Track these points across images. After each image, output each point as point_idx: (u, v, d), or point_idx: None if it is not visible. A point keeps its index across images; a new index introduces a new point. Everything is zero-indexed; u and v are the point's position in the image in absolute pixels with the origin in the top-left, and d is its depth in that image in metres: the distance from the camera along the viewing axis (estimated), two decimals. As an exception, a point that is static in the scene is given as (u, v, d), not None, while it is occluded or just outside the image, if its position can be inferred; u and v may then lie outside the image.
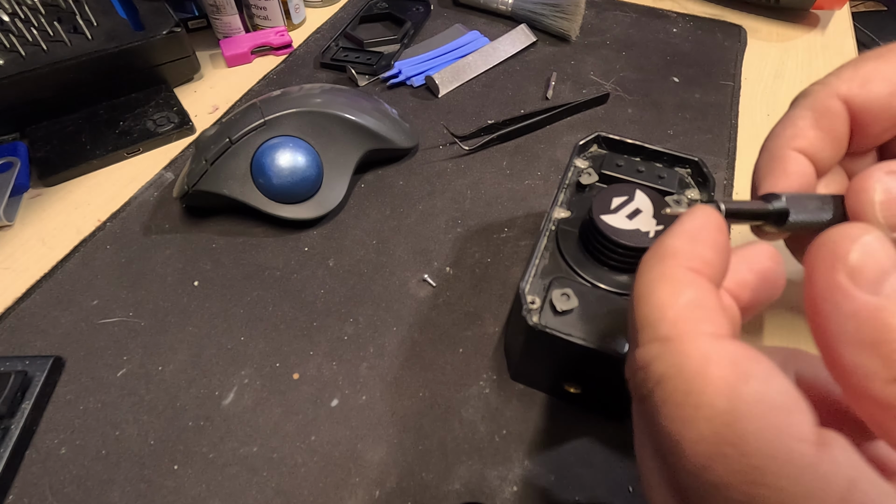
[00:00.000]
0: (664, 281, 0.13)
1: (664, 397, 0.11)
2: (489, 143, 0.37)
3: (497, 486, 0.22)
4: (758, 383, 0.11)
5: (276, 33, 0.46)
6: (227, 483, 0.22)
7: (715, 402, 0.11)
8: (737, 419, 0.10)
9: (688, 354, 0.11)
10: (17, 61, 0.36)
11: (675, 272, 0.13)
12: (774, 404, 0.10)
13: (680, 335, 0.12)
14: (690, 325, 0.12)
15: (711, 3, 0.52)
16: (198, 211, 0.33)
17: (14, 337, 0.27)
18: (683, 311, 0.12)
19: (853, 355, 0.11)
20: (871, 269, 0.11)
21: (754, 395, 0.10)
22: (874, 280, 0.11)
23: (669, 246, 0.13)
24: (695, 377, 0.11)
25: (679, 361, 0.11)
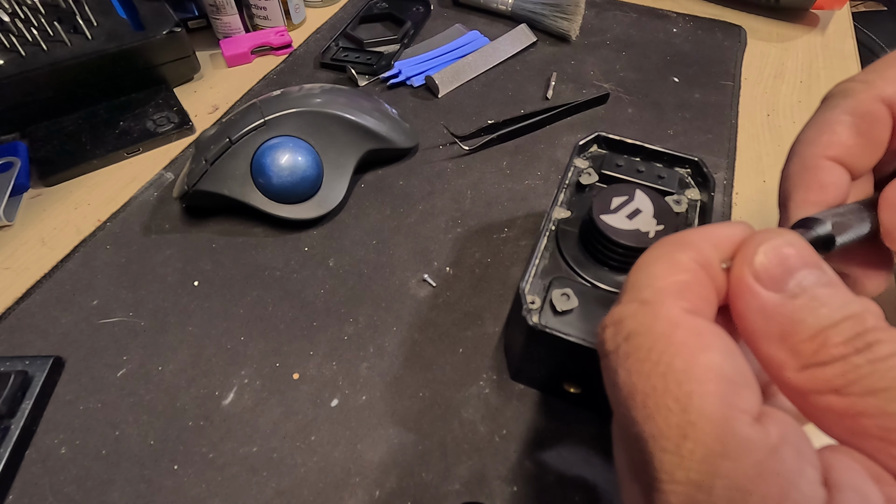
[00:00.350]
0: (666, 260, 0.13)
1: (628, 351, 0.12)
2: (489, 143, 0.37)
3: (497, 486, 0.22)
4: (715, 354, 0.11)
5: (276, 33, 0.46)
6: (227, 483, 0.22)
7: (672, 361, 0.11)
8: (688, 379, 0.11)
9: (659, 317, 0.12)
10: (17, 61, 0.36)
11: (681, 258, 0.13)
12: (725, 375, 0.11)
13: (658, 301, 0.12)
14: (671, 297, 0.12)
15: (711, 3, 0.52)
16: (198, 211, 0.33)
17: (14, 337, 0.27)
18: (670, 286, 0.13)
19: (766, 348, 0.12)
20: (774, 269, 0.12)
21: (709, 363, 0.11)
22: (778, 279, 0.12)
23: (689, 238, 0.14)
24: (660, 337, 0.12)
25: (650, 322, 0.12)
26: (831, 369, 0.11)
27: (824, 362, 0.11)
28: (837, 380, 0.11)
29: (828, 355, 0.11)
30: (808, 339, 0.12)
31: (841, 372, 0.11)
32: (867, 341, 0.11)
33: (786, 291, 0.12)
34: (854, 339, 0.11)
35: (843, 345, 0.11)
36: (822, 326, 0.11)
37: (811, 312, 0.12)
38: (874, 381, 0.11)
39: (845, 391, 0.11)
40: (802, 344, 0.12)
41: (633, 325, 0.12)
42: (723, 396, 0.11)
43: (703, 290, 0.13)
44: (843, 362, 0.11)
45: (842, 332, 0.11)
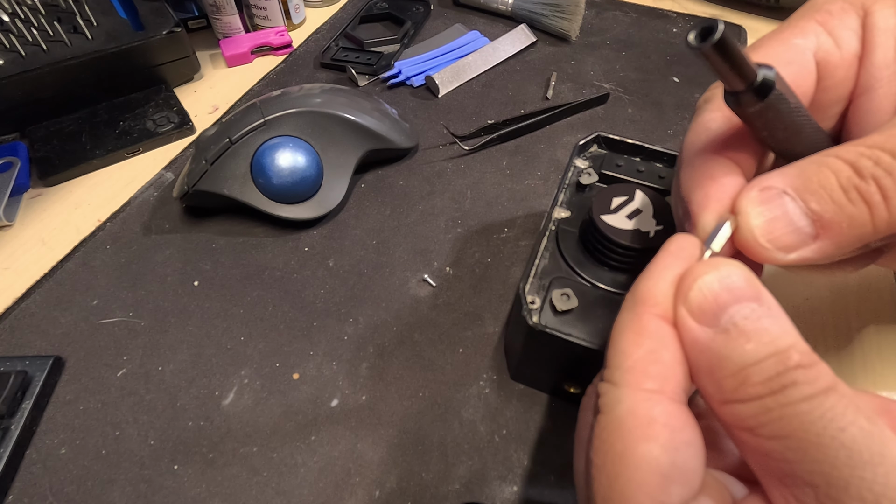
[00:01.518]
0: (631, 329, 0.14)
1: (597, 426, 0.13)
2: (489, 143, 0.37)
3: (497, 486, 0.22)
4: (654, 446, 0.12)
5: (276, 33, 0.46)
6: (227, 483, 0.22)
7: (615, 444, 0.12)
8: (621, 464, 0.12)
9: (620, 402, 0.13)
10: (17, 61, 0.36)
11: (641, 320, 0.13)
12: (657, 468, 0.12)
13: (626, 384, 0.13)
14: (636, 379, 0.13)
15: (711, 3, 0.52)
16: (198, 211, 0.33)
17: (14, 337, 0.27)
18: (636, 364, 0.13)
19: (699, 380, 0.13)
20: (707, 305, 0.13)
21: (645, 454, 0.12)
22: (710, 315, 0.13)
23: (642, 291, 0.14)
24: (613, 420, 0.13)
25: (612, 405, 0.13)
26: (746, 408, 0.12)
27: (741, 400, 0.12)
28: (750, 420, 0.12)
29: (745, 394, 0.12)
30: (729, 375, 0.12)
31: (754, 413, 0.12)
32: (783, 383, 0.11)
33: (717, 327, 0.12)
34: (772, 380, 0.11)
35: (760, 384, 0.12)
36: (745, 364, 0.12)
37: (736, 349, 0.12)
38: (781, 426, 0.11)
39: (756, 432, 0.12)
40: (725, 380, 0.12)
41: (603, 404, 0.13)
42: (645, 486, 0.12)
43: (668, 353, 0.13)
44: (757, 403, 0.11)
45: (762, 371, 0.12)
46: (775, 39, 0.17)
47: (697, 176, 0.16)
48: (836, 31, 0.16)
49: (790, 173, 0.14)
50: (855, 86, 0.17)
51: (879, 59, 0.16)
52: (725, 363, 0.12)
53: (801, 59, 0.16)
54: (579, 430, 0.16)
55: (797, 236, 0.14)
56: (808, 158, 0.14)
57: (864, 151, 0.14)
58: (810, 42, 0.16)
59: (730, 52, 0.13)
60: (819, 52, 0.16)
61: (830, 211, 0.13)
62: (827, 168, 0.14)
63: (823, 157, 0.14)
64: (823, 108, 0.17)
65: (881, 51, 0.16)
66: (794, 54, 0.16)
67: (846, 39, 0.16)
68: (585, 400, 0.17)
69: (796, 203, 0.14)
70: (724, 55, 0.13)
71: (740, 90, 0.14)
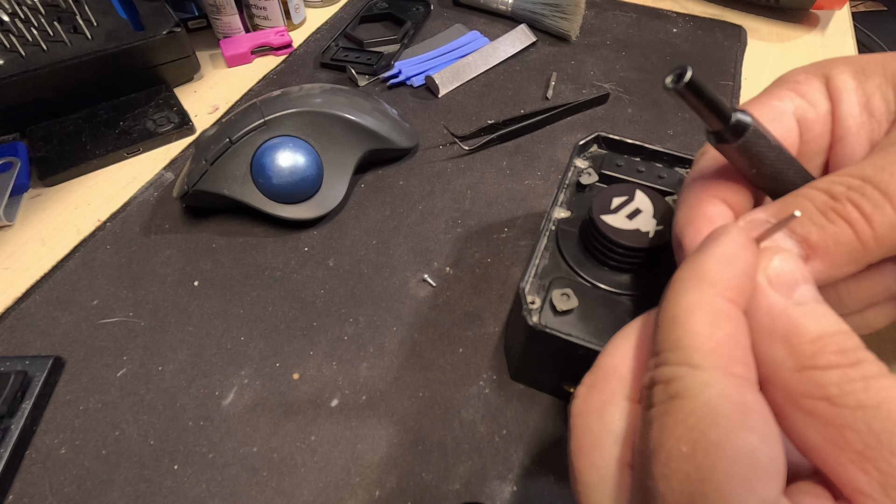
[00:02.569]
0: (703, 309, 0.13)
1: (668, 410, 0.12)
2: (489, 143, 0.37)
3: (497, 486, 0.22)
4: (754, 437, 0.11)
5: (276, 33, 0.46)
6: (227, 483, 0.22)
7: (709, 432, 0.11)
8: (717, 453, 0.11)
9: (709, 385, 0.12)
10: (17, 61, 0.36)
11: (715, 302, 0.13)
12: (757, 460, 0.11)
13: (712, 366, 0.12)
14: (723, 361, 0.12)
15: (711, 3, 0.52)
16: (198, 211, 0.33)
17: (14, 337, 0.27)
18: (719, 346, 0.13)
19: (768, 346, 0.13)
20: (784, 277, 0.13)
21: (746, 444, 0.11)
22: (787, 286, 0.13)
23: (708, 271, 0.14)
24: (704, 407, 0.12)
25: (698, 389, 0.12)
26: (828, 375, 0.12)
27: (822, 367, 0.12)
28: (832, 388, 0.12)
29: (826, 361, 0.12)
30: (808, 341, 0.12)
31: (836, 380, 0.12)
32: (858, 358, 0.12)
33: (792, 298, 0.13)
34: (847, 353, 0.12)
35: (837, 353, 0.12)
36: (823, 333, 0.12)
37: (814, 320, 0.12)
38: (866, 397, 0.11)
39: (837, 401, 0.11)
40: (803, 346, 0.12)
41: (680, 388, 0.12)
42: (746, 481, 0.11)
43: (745, 339, 0.13)
44: (839, 371, 0.12)
45: (838, 342, 0.12)
46: (755, 103, 0.19)
47: (690, 215, 0.17)
48: (808, 95, 0.18)
49: (772, 206, 0.16)
50: (831, 138, 0.19)
51: (845, 111, 0.18)
52: (803, 329, 0.12)
53: (782, 117, 0.18)
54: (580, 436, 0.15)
55: None
56: (789, 194, 0.16)
57: (835, 179, 0.15)
58: (788, 104, 0.18)
59: (702, 92, 0.14)
60: (797, 112, 0.18)
61: (813, 232, 0.15)
62: (803, 197, 0.15)
63: (800, 190, 0.16)
64: (808, 160, 0.19)
65: (846, 105, 0.18)
66: (776, 113, 0.18)
67: (817, 100, 0.18)
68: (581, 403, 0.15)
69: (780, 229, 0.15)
70: (697, 95, 0.14)
71: (719, 129, 0.15)
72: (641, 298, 0.22)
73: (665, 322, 0.14)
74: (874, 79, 0.18)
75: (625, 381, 0.15)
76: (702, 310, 0.13)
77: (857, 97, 0.18)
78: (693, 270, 0.14)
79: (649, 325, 0.15)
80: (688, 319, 0.13)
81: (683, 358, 0.13)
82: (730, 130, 0.15)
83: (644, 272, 0.22)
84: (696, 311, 0.13)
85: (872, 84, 0.18)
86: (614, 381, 0.15)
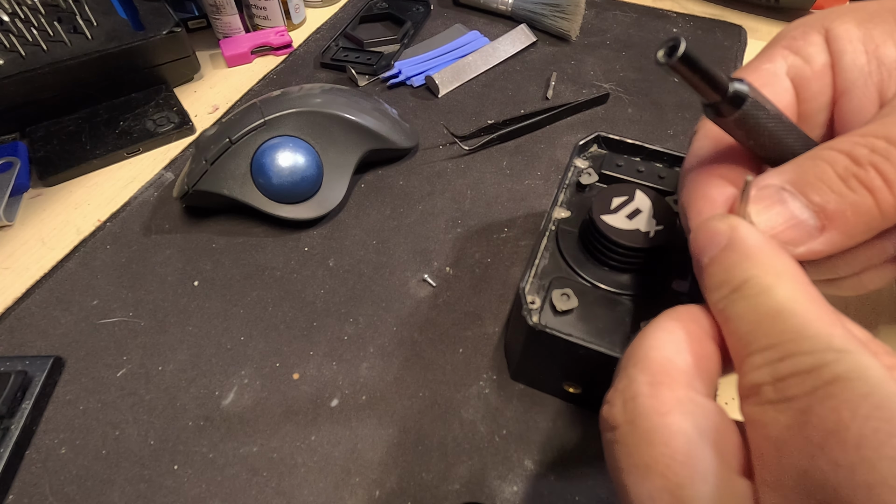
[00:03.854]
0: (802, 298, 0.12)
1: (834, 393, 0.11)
2: (489, 143, 0.37)
3: (497, 486, 0.22)
4: None
5: (276, 33, 0.46)
6: (227, 483, 0.22)
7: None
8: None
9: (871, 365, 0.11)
10: (17, 61, 0.36)
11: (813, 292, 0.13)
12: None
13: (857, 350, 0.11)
14: (861, 345, 0.12)
15: (711, 3, 0.52)
16: (198, 211, 0.33)
17: (14, 337, 0.27)
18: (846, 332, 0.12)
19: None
20: None
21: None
22: None
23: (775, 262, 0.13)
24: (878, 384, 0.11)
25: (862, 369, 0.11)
26: None
27: None
28: None
29: None
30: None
31: None
32: None
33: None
34: None
35: None
36: None
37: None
38: None
39: None
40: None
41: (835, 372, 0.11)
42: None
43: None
44: None
45: None
46: (747, 69, 0.18)
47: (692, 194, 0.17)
48: (803, 50, 0.18)
49: (786, 170, 0.14)
50: (833, 92, 0.18)
51: (848, 62, 0.17)
52: None
53: (774, 80, 0.18)
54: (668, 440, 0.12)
55: (802, 230, 0.14)
56: (804, 155, 0.15)
57: (858, 140, 0.14)
58: (779, 65, 0.18)
59: (696, 65, 0.14)
60: (791, 70, 0.18)
61: (832, 201, 0.13)
62: (822, 161, 0.14)
63: (818, 151, 0.14)
64: (809, 118, 0.18)
65: (849, 56, 0.17)
66: (767, 77, 0.18)
67: (813, 54, 0.17)
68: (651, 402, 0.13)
69: (796, 197, 0.14)
70: (692, 68, 0.14)
71: (716, 101, 0.15)
72: (641, 298, 0.22)
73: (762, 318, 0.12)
74: (884, 25, 0.16)
75: (690, 375, 0.13)
76: (805, 299, 0.12)
77: (865, 45, 0.17)
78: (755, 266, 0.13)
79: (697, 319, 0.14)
80: (797, 310, 0.12)
81: (820, 345, 0.11)
82: (727, 102, 0.15)
83: (644, 272, 0.22)
84: (800, 302, 0.12)
85: (882, 30, 0.16)
86: (680, 376, 0.13)
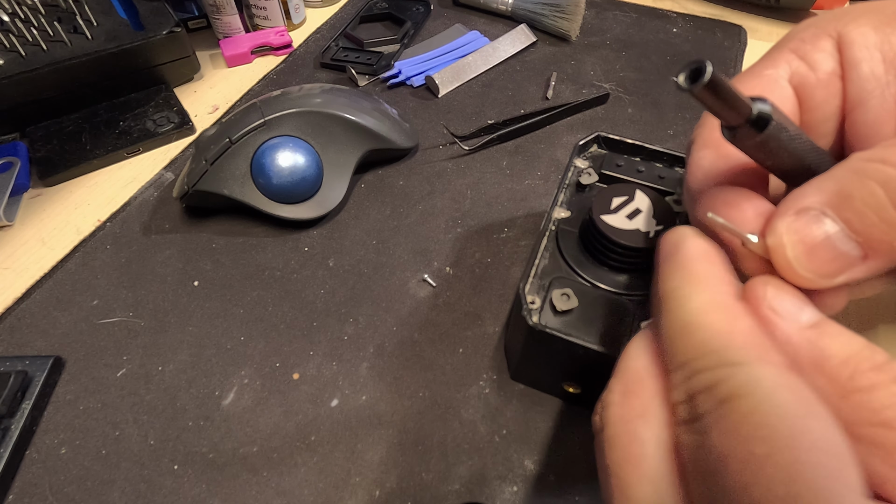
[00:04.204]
0: (713, 308, 0.13)
1: (724, 414, 0.11)
2: (489, 143, 0.37)
3: (497, 486, 0.22)
4: (820, 423, 0.11)
5: (276, 33, 0.46)
6: (227, 483, 0.22)
7: (780, 426, 0.10)
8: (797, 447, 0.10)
9: (760, 378, 0.11)
10: (17, 61, 0.36)
11: (719, 298, 0.13)
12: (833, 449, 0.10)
13: (753, 360, 0.11)
14: (760, 352, 0.12)
15: (711, 3, 0.52)
16: (198, 211, 0.33)
17: (14, 337, 0.27)
18: (747, 339, 0.12)
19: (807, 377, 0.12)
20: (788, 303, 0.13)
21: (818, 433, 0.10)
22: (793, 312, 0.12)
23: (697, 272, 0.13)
24: (763, 400, 0.11)
25: (752, 385, 0.11)
26: (877, 397, 0.11)
27: (864, 388, 0.11)
28: (887, 412, 0.10)
29: (866, 380, 0.11)
30: (840, 364, 0.11)
31: (890, 401, 0.10)
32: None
33: (802, 322, 0.12)
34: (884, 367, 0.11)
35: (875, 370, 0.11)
36: (849, 352, 0.11)
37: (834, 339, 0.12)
38: None
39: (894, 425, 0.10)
40: (837, 369, 0.11)
41: (730, 389, 0.11)
42: (833, 470, 0.10)
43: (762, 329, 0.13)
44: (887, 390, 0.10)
45: (868, 358, 0.11)
46: (748, 74, 0.17)
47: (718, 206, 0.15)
48: (809, 56, 0.17)
49: (828, 189, 0.13)
50: (844, 102, 0.17)
51: (866, 71, 0.16)
52: (828, 352, 0.11)
53: (774, 87, 0.17)
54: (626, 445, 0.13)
55: (842, 261, 0.13)
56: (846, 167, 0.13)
57: None
58: (782, 70, 0.17)
59: (722, 90, 0.12)
60: (794, 78, 0.17)
61: (879, 231, 0.12)
62: (870, 180, 0.12)
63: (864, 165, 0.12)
64: (812, 128, 0.17)
65: (866, 64, 0.16)
66: (767, 84, 0.17)
67: (820, 61, 0.16)
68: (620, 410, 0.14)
69: (838, 225, 0.12)
70: (716, 94, 0.12)
71: (738, 125, 0.14)
72: (641, 298, 0.22)
73: (676, 333, 0.13)
74: None
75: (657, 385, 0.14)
76: (712, 309, 0.12)
77: (883, 53, 0.15)
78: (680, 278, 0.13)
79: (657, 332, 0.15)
80: (703, 323, 0.12)
81: (719, 360, 0.12)
82: (750, 125, 0.13)
83: (644, 272, 0.22)
84: (707, 313, 0.12)
85: None
86: (649, 386, 0.14)
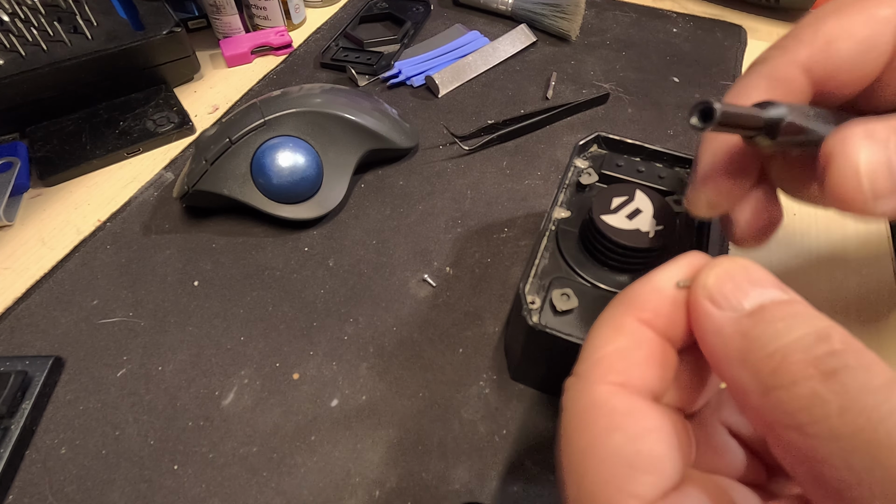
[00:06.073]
0: (608, 325, 0.13)
1: (561, 424, 0.13)
2: (489, 143, 0.37)
3: (497, 486, 0.22)
4: (619, 437, 0.12)
5: (276, 33, 0.46)
6: (227, 483, 0.22)
7: (579, 439, 0.12)
8: (585, 458, 0.12)
9: (583, 393, 0.13)
10: (17, 61, 0.36)
11: (622, 319, 0.13)
12: (623, 458, 0.11)
13: (588, 376, 0.13)
14: (601, 371, 0.13)
15: (711, 3, 0.52)
16: (198, 211, 0.33)
17: (14, 337, 0.27)
18: (603, 359, 0.13)
19: (729, 372, 0.11)
20: (728, 289, 0.12)
21: (612, 447, 0.11)
22: (733, 298, 0.12)
23: (630, 294, 0.14)
24: (576, 417, 0.12)
25: (576, 396, 0.13)
26: (794, 396, 0.10)
27: (785, 385, 0.10)
28: (801, 414, 0.10)
29: (789, 375, 0.10)
30: (766, 356, 0.10)
31: (804, 403, 0.10)
32: (833, 365, 0.09)
33: (741, 311, 0.11)
34: (818, 360, 0.10)
35: (804, 363, 0.10)
36: (782, 341, 0.10)
37: (769, 327, 0.11)
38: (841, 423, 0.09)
39: (807, 430, 0.09)
40: (761, 362, 0.10)
41: (565, 399, 0.13)
42: (614, 481, 0.11)
43: (641, 352, 0.13)
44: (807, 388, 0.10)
45: (803, 348, 0.10)
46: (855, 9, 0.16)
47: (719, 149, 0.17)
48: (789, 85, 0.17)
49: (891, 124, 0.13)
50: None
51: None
52: (758, 343, 0.11)
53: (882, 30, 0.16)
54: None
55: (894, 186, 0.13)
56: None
57: None
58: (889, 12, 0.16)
59: (734, 120, 0.13)
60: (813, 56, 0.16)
61: None
62: None
63: None
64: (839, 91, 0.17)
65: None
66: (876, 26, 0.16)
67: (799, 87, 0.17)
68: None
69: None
70: (729, 124, 0.13)
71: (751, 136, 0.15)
72: (641, 298, 0.22)
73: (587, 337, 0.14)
74: None
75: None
76: (605, 326, 0.13)
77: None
78: (621, 294, 0.14)
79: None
80: (594, 332, 0.14)
81: (576, 367, 0.13)
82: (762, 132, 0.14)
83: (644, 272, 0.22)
84: (598, 328, 0.14)
85: None
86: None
